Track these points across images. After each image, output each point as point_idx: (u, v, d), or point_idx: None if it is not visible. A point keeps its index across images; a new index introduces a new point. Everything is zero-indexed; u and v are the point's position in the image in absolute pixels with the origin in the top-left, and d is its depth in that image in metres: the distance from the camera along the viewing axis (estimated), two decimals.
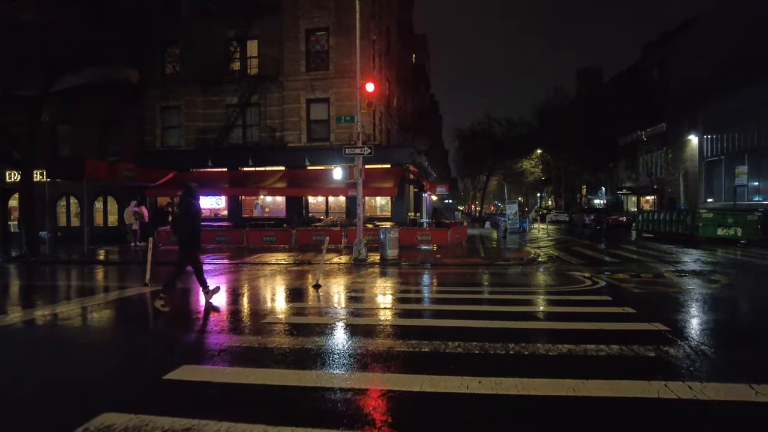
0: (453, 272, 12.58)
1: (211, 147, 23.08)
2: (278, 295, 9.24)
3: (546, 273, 12.02)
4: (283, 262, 15.01)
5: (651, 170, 43.97)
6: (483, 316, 6.68)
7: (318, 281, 9.80)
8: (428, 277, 11.82)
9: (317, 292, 9.23)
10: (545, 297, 8.26)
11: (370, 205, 23.42)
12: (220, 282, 11.26)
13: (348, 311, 7.54)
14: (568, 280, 10.53)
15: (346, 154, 15.30)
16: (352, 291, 9.40)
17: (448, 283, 10.52)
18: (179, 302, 8.50)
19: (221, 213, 23.83)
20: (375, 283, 10.55)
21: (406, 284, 10.44)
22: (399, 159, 21.72)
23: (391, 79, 30.40)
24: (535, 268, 13.21)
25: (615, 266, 13.17)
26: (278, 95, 22.77)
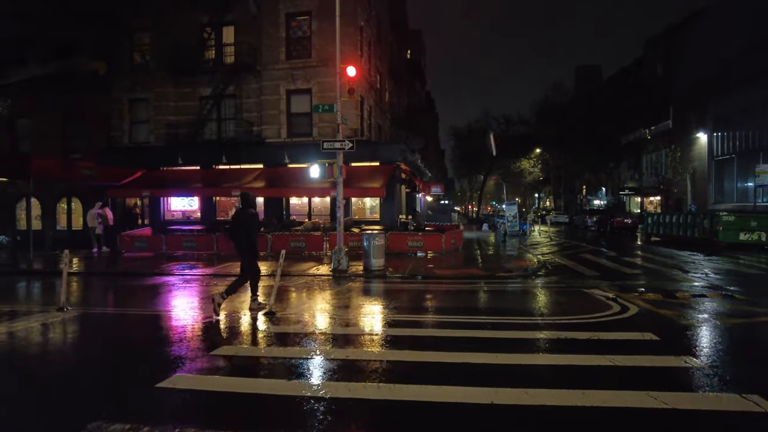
0: (447, 289, 10.57)
1: (183, 143, 21.03)
2: (196, 334, 7.17)
3: (559, 291, 10.01)
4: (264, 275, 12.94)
5: (656, 170, 42.13)
6: (490, 378, 4.61)
7: (271, 306, 7.70)
8: (417, 296, 9.80)
9: (266, 324, 7.18)
10: (570, 336, 6.09)
11: (357, 206, 21.42)
12: (157, 300, 9.21)
13: (291, 365, 5.11)
14: (589, 303, 8.52)
15: (324, 149, 13.29)
16: (312, 323, 7.33)
17: (441, 308, 8.49)
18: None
19: (194, 216, 21.77)
20: (348, 308, 8.52)
21: (388, 309, 8.41)
22: (389, 156, 19.71)
23: (382, 72, 28.42)
24: (545, 282, 11.21)
25: (636, 280, 11.19)
26: (256, 86, 20.73)
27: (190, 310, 8.22)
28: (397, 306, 8.37)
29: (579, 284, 10.67)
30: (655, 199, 44.71)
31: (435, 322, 7.14)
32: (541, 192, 77.60)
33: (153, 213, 21.77)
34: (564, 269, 13.75)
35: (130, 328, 7.32)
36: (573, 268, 13.92)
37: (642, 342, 5.82)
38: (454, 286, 10.71)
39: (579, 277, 12.03)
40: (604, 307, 7.90)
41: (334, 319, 7.39)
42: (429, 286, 10.92)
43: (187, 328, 6.92)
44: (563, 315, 7.29)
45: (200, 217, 21.38)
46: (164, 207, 21.93)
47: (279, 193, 19.22)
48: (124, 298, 10.30)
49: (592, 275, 12.21)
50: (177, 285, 11.44)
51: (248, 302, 8.05)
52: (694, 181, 34.98)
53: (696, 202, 35.00)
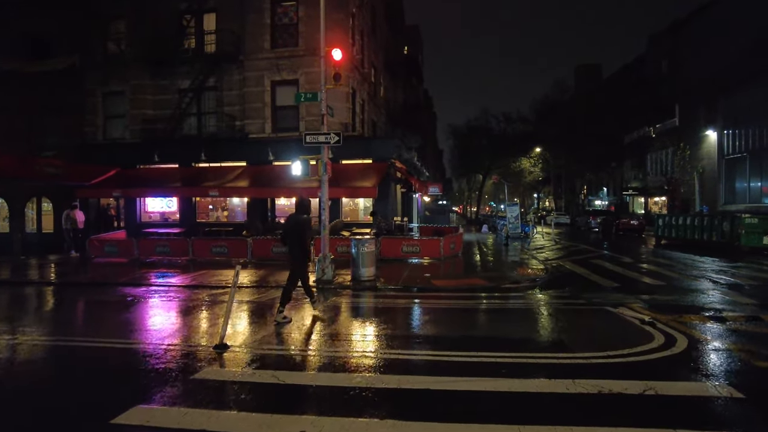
0: (447, 305, 9.03)
1: (160, 139, 19.43)
2: (107, 392, 5.61)
3: (579, 310, 8.49)
4: (225, 285, 11.39)
5: (661, 169, 40.67)
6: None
7: (223, 338, 6.09)
8: (411, 317, 8.27)
9: (216, 361, 5.63)
10: (615, 388, 4.36)
11: (350, 207, 19.87)
12: (116, 323, 7.63)
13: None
14: (622, 328, 6.99)
15: (307, 143, 11.76)
16: (270, 362, 5.79)
17: (441, 338, 6.90)
18: None
19: (173, 217, 20.17)
20: (325, 337, 6.96)
21: (374, 339, 6.87)
22: (382, 153, 18.16)
23: (377, 66, 26.89)
24: (559, 296, 9.67)
25: (665, 294, 9.67)
26: (239, 77, 19.15)
27: (161, 344, 6.65)
28: (387, 334, 6.81)
29: (600, 299, 9.14)
30: (660, 199, 43.28)
31: (433, 364, 5.56)
32: (541, 192, 76.17)
33: (128, 214, 20.18)
34: (577, 279, 12.23)
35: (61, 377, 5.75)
36: (586, 277, 12.41)
37: (724, 402, 4.20)
38: (455, 302, 9.17)
39: (597, 289, 10.50)
40: (642, 336, 6.35)
41: (303, 357, 5.83)
42: (426, 301, 9.38)
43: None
44: (596, 349, 5.71)
45: (179, 219, 19.78)
46: (141, 208, 20.34)
47: (263, 194, 17.65)
48: (79, 319, 8.73)
49: (611, 287, 10.69)
50: (146, 300, 9.87)
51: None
52: (703, 180, 33.54)
53: (705, 203, 33.56)
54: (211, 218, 20.09)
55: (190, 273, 13.35)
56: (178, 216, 19.87)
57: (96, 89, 20.43)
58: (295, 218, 7.81)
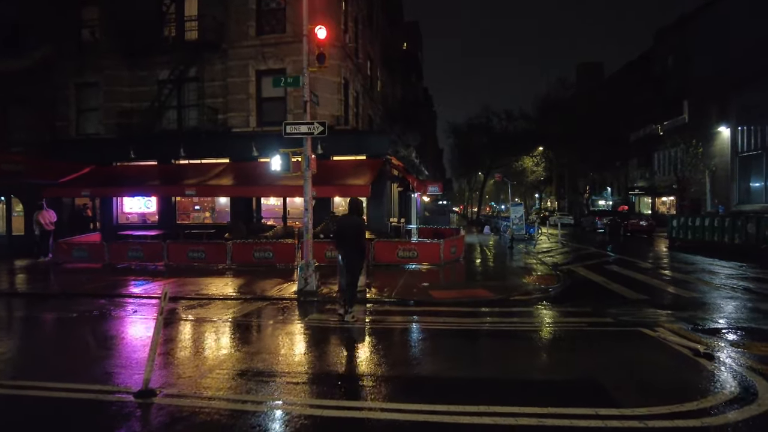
0: (449, 326, 7.55)
1: (137, 134, 17.96)
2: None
3: (609, 333, 7.02)
4: (198, 296, 9.91)
5: (669, 168, 39.19)
6: None
7: (147, 383, 4.57)
8: (405, 345, 6.80)
9: (128, 420, 4.15)
10: None
11: (342, 209, 18.37)
12: (71, 353, 6.14)
13: None
14: (672, 364, 5.51)
15: (287, 134, 10.30)
16: (208, 423, 4.30)
17: (442, 378, 5.44)
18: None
19: (152, 219, 18.69)
20: (292, 374, 5.49)
21: (356, 374, 5.41)
22: (377, 148, 16.67)
23: (374, 58, 25.42)
24: (580, 313, 8.19)
25: (706, 311, 8.19)
26: (221, 67, 17.68)
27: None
28: (371, 373, 5.32)
29: (629, 316, 7.67)
30: (668, 199, 41.82)
31: (434, 416, 4.11)
32: (543, 192, 74.66)
33: (104, 216, 18.71)
34: (595, 289, 10.76)
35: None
36: (605, 286, 10.94)
37: None
38: (457, 321, 7.68)
39: (622, 302, 9.03)
40: (705, 377, 4.85)
41: (250, 416, 4.35)
42: (423, 319, 7.91)
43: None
44: (651, 400, 4.19)
45: (158, 221, 18.30)
46: (117, 209, 18.87)
47: (246, 192, 16.16)
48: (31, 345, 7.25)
49: (637, 299, 9.22)
50: (94, 319, 8.39)
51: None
52: (714, 179, 32.07)
53: (716, 203, 32.08)
54: (192, 219, 18.61)
55: (160, 281, 11.88)
56: (157, 217, 18.39)
57: (68, 80, 18.96)
58: (351, 220, 7.82)
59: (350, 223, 7.78)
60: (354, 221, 7.81)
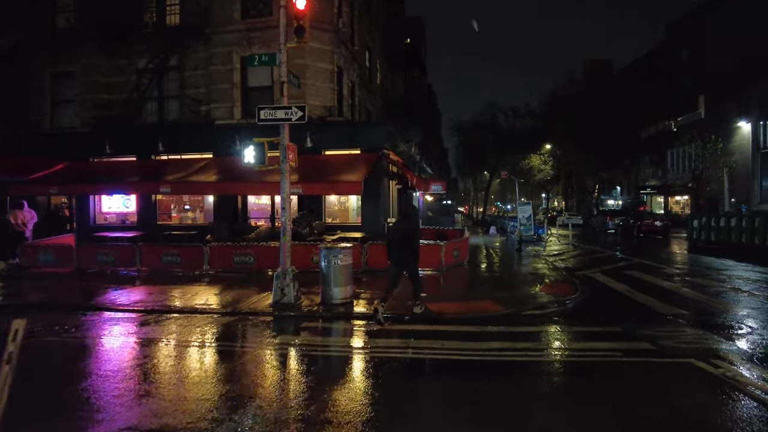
0: (445, 357, 6.09)
1: (116, 127, 16.61)
2: None
3: (652, 366, 5.55)
4: (156, 310, 8.51)
5: (684, 165, 37.51)
6: None
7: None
8: (390, 386, 5.35)
9: None
10: None
11: (339, 207, 16.97)
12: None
13: None
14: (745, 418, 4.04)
15: (261, 120, 8.92)
16: None
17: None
18: None
19: (131, 219, 17.34)
20: None
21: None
22: (372, 142, 15.20)
23: (373, 49, 24.00)
24: (610, 338, 6.72)
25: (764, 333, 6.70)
26: (204, 54, 16.30)
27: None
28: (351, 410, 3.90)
29: (672, 340, 6.19)
30: (682, 198, 40.16)
31: None
32: (550, 191, 72.89)
33: (80, 216, 17.37)
34: (620, 300, 9.29)
35: None
36: (631, 297, 9.45)
37: None
38: (458, 348, 6.20)
39: (656, 319, 7.54)
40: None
41: None
42: (418, 343, 6.45)
43: None
44: None
45: (137, 221, 16.95)
46: (95, 208, 17.53)
47: (227, 189, 14.73)
48: None
49: (674, 315, 7.72)
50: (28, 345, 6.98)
51: None
52: (732, 177, 30.38)
53: (735, 201, 30.40)
54: (174, 220, 17.24)
55: (127, 288, 10.50)
56: (137, 217, 17.04)
57: (42, 70, 17.64)
58: (404, 224, 8.05)
59: (400, 228, 8.00)
60: (406, 225, 8.00)
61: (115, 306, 8.94)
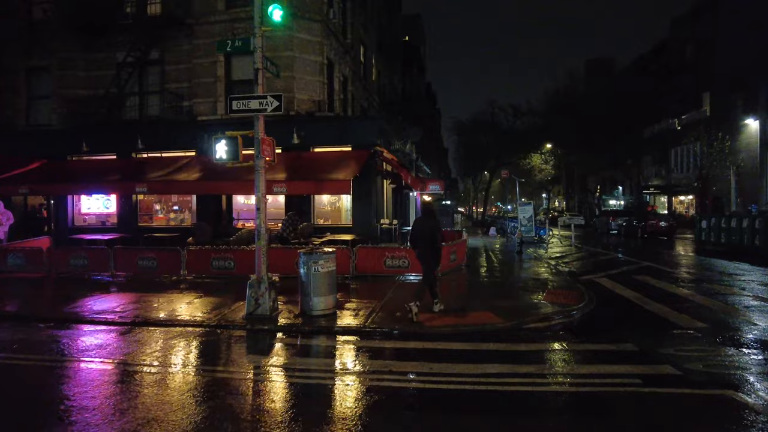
0: (433, 383, 5.19)
1: (94, 124, 15.75)
2: None
3: (678, 403, 4.66)
4: (117, 322, 7.63)
5: (688, 164, 36.63)
6: None
7: None
8: (364, 417, 4.47)
9: None
10: None
11: (329, 208, 16.08)
12: None
13: None
14: None
15: (233, 110, 8.12)
16: None
17: None
18: None
19: (111, 220, 16.47)
20: None
21: None
22: (364, 138, 14.30)
23: (368, 44, 23.17)
24: (623, 359, 5.83)
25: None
26: (187, 47, 15.45)
27: None
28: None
29: (700, 362, 5.31)
30: (686, 198, 39.27)
31: None
32: (550, 191, 72.03)
33: (59, 217, 16.51)
34: (631, 310, 8.42)
35: None
36: (644, 306, 8.57)
37: None
38: (451, 373, 5.31)
39: (675, 334, 6.67)
40: None
41: None
42: (404, 367, 5.57)
43: None
44: None
45: (117, 223, 16.08)
46: (73, 209, 16.66)
47: (212, 189, 13.86)
48: None
49: (695, 329, 6.84)
50: None
51: None
52: (739, 175, 29.48)
53: (742, 201, 29.52)
54: (157, 221, 16.37)
55: (94, 297, 9.60)
56: (117, 219, 16.18)
57: (17, 64, 16.77)
58: (425, 222, 8.06)
59: (424, 226, 7.97)
60: (428, 223, 8.00)
61: (73, 317, 8.07)
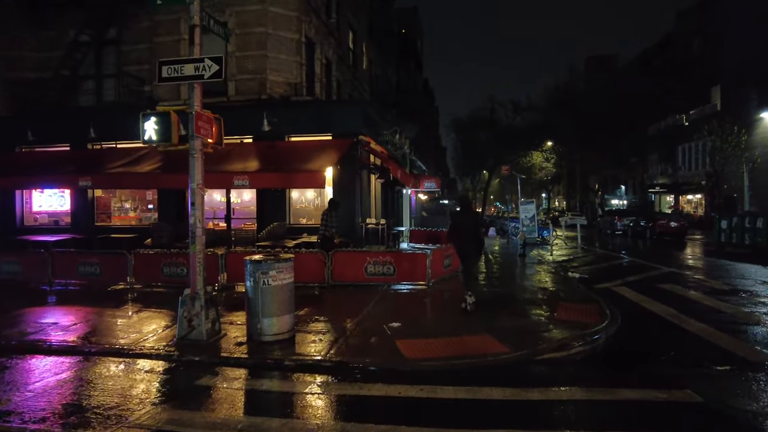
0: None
1: (45, 112, 13.99)
2: None
3: None
4: (29, 351, 5.89)
5: (698, 162, 34.94)
6: None
7: None
8: None
9: None
10: None
11: (310, 207, 14.30)
12: None
13: None
14: None
15: (163, 78, 6.37)
16: None
17: None
18: None
19: (65, 220, 14.69)
20: None
21: None
22: (345, 126, 12.51)
23: (359, 31, 21.47)
24: (682, 412, 4.08)
25: None
26: (148, 24, 13.69)
27: None
28: None
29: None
30: (694, 197, 37.55)
31: None
32: (550, 191, 70.35)
33: (4, 216, 14.70)
34: (667, 331, 6.71)
35: None
36: (681, 325, 6.87)
37: None
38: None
39: (742, 371, 4.93)
40: None
41: None
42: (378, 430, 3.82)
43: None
44: None
45: (71, 222, 14.31)
46: (23, 207, 14.88)
47: (172, 182, 11.90)
48: None
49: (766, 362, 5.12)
50: None
51: None
52: (754, 173, 27.77)
53: (756, 201, 27.85)
54: (115, 221, 14.59)
55: (11, 313, 7.82)
56: (70, 218, 14.41)
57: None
58: (466, 216, 8.03)
59: (465, 220, 7.94)
60: (470, 217, 8.08)
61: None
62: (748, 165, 27.10)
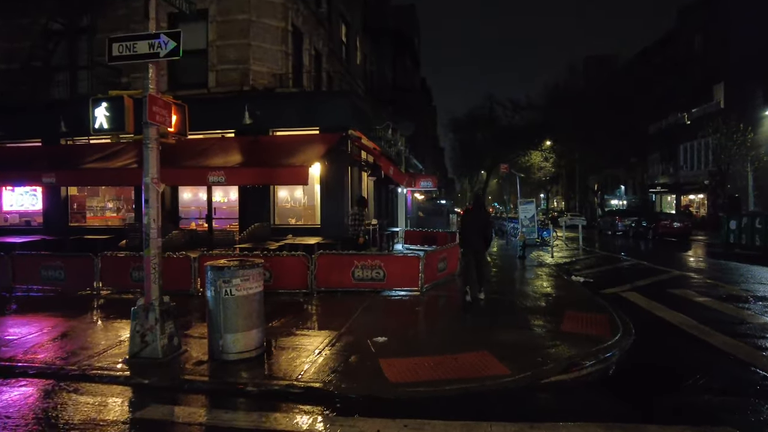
0: None
1: (15, 105, 13.15)
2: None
3: None
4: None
5: (700, 161, 34.23)
6: None
7: None
8: None
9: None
10: None
11: (298, 206, 13.49)
12: None
13: None
14: None
15: (114, 57, 5.60)
16: None
17: None
18: None
19: (38, 220, 13.84)
20: None
21: None
22: (332, 119, 11.67)
23: (352, 24, 20.71)
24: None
25: None
26: (124, 11, 12.87)
27: None
28: None
29: None
30: (696, 197, 36.84)
31: None
32: (549, 191, 69.64)
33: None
34: (689, 346, 5.93)
35: None
36: (704, 339, 6.10)
37: None
38: None
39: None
40: None
41: None
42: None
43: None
44: None
45: (43, 223, 13.47)
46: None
47: (130, 179, 11.20)
48: None
49: None
50: None
51: None
52: (758, 172, 27.08)
53: (760, 201, 27.16)
54: (91, 221, 13.76)
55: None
56: (42, 218, 13.57)
57: None
58: (477, 214, 8.20)
59: (475, 218, 8.09)
60: (480, 215, 8.17)
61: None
62: (753, 164, 26.41)
